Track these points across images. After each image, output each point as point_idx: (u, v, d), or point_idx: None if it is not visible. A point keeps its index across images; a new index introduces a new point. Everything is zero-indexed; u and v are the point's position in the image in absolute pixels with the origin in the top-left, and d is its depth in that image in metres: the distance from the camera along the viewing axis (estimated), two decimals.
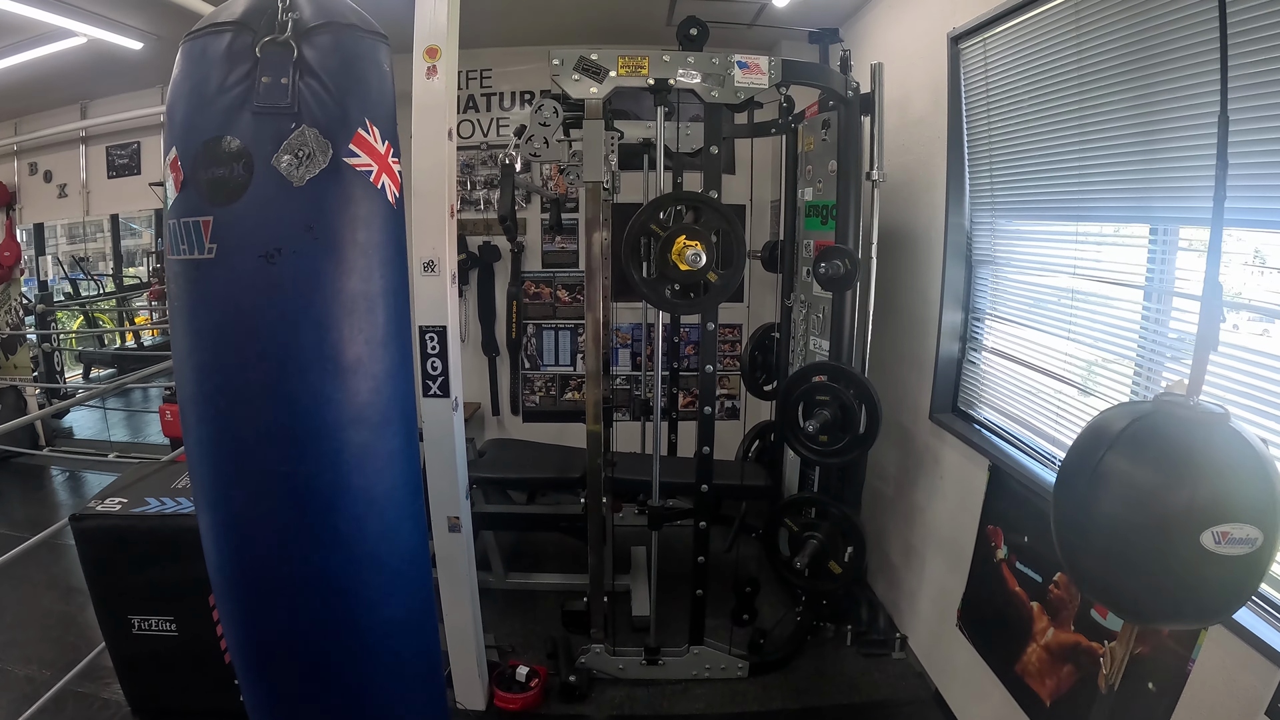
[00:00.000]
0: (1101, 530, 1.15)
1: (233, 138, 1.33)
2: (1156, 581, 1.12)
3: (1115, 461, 1.14)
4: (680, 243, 2.29)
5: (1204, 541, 1.03)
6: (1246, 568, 1.06)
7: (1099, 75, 1.95)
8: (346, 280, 1.38)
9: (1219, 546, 1.03)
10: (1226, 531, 1.03)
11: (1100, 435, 1.19)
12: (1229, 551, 1.04)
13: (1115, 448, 1.14)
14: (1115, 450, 1.14)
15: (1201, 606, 1.16)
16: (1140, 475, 1.12)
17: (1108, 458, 1.14)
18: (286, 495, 1.41)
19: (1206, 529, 1.03)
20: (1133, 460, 1.14)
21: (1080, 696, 1.96)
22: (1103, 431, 1.19)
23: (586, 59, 2.32)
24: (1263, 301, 1.64)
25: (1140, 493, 1.11)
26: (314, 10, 1.36)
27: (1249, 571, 1.07)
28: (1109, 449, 1.15)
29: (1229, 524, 1.03)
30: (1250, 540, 1.04)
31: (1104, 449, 1.15)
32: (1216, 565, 1.05)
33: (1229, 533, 1.03)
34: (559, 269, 4.63)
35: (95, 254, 6.76)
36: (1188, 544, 1.05)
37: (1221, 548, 1.03)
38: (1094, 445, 1.18)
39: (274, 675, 1.57)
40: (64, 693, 2.50)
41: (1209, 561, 1.04)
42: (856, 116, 2.65)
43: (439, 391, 2.32)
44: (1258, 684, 1.44)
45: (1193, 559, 1.05)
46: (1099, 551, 1.17)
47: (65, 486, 5.10)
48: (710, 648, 2.83)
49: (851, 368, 2.70)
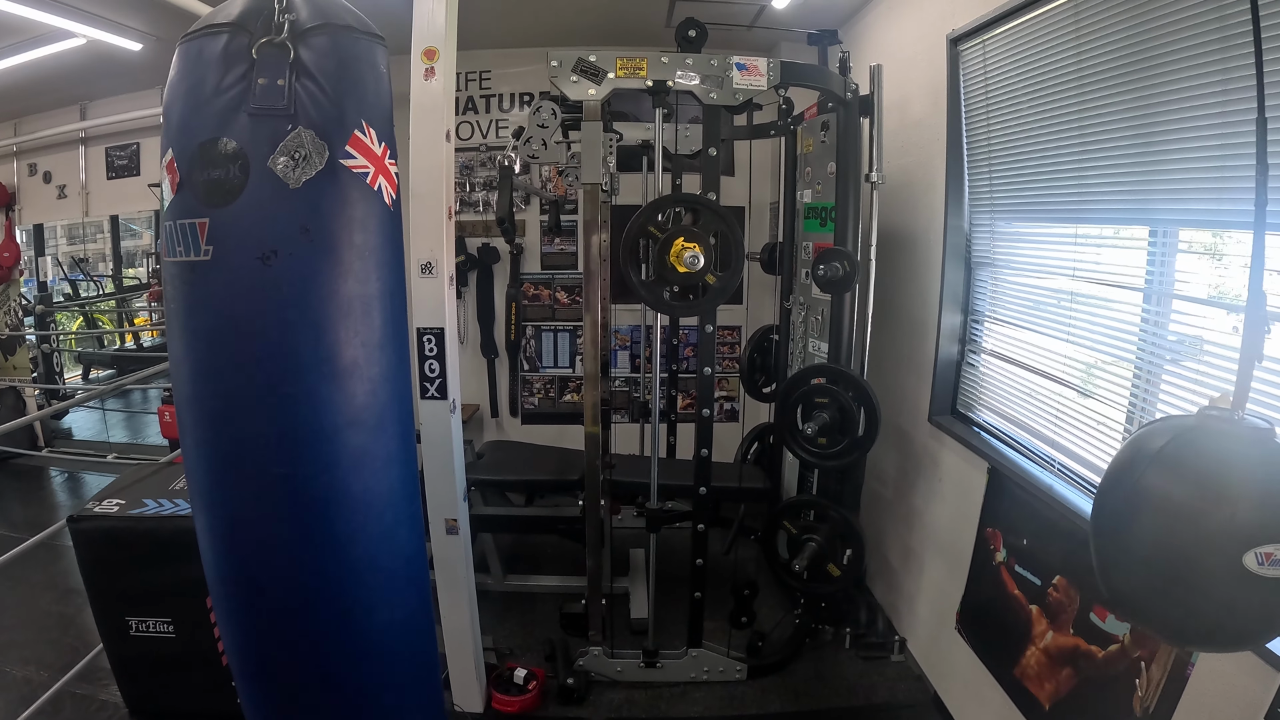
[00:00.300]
0: (1141, 549, 1.12)
1: (229, 139, 1.33)
2: (1199, 605, 1.08)
3: (1155, 480, 1.10)
4: (678, 245, 2.29)
5: (1246, 563, 1.00)
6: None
7: (1098, 77, 1.95)
8: (343, 282, 1.38)
9: (1263, 568, 0.99)
10: (1270, 553, 0.99)
11: (1140, 451, 1.15)
12: (1273, 574, 1.00)
13: (1155, 466, 1.11)
14: (1155, 468, 1.11)
15: (1244, 630, 1.11)
16: (1180, 492, 1.08)
17: (1148, 474, 1.11)
18: (283, 497, 1.41)
19: (1249, 550, 0.99)
20: (1173, 477, 1.10)
21: (1080, 700, 1.95)
22: (1143, 447, 1.15)
23: (585, 60, 2.32)
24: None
25: (1180, 512, 1.07)
26: (310, 12, 1.36)
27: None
28: (1149, 466, 1.11)
29: (1274, 545, 0.99)
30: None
31: (1144, 466, 1.12)
32: (1259, 588, 1.01)
33: (1273, 554, 0.99)
34: (558, 271, 4.63)
35: (95, 255, 6.76)
36: (1229, 566, 1.01)
37: (1265, 569, 0.99)
38: (1133, 462, 1.15)
39: (270, 678, 1.57)
40: (62, 694, 2.49)
41: (1251, 584, 1.00)
42: (855, 118, 2.65)
43: (437, 393, 2.31)
44: (1257, 688, 1.43)
45: (1234, 581, 1.01)
46: (1138, 572, 1.14)
47: (64, 488, 5.09)
48: (709, 650, 2.83)
49: (850, 370, 2.69)
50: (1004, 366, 2.55)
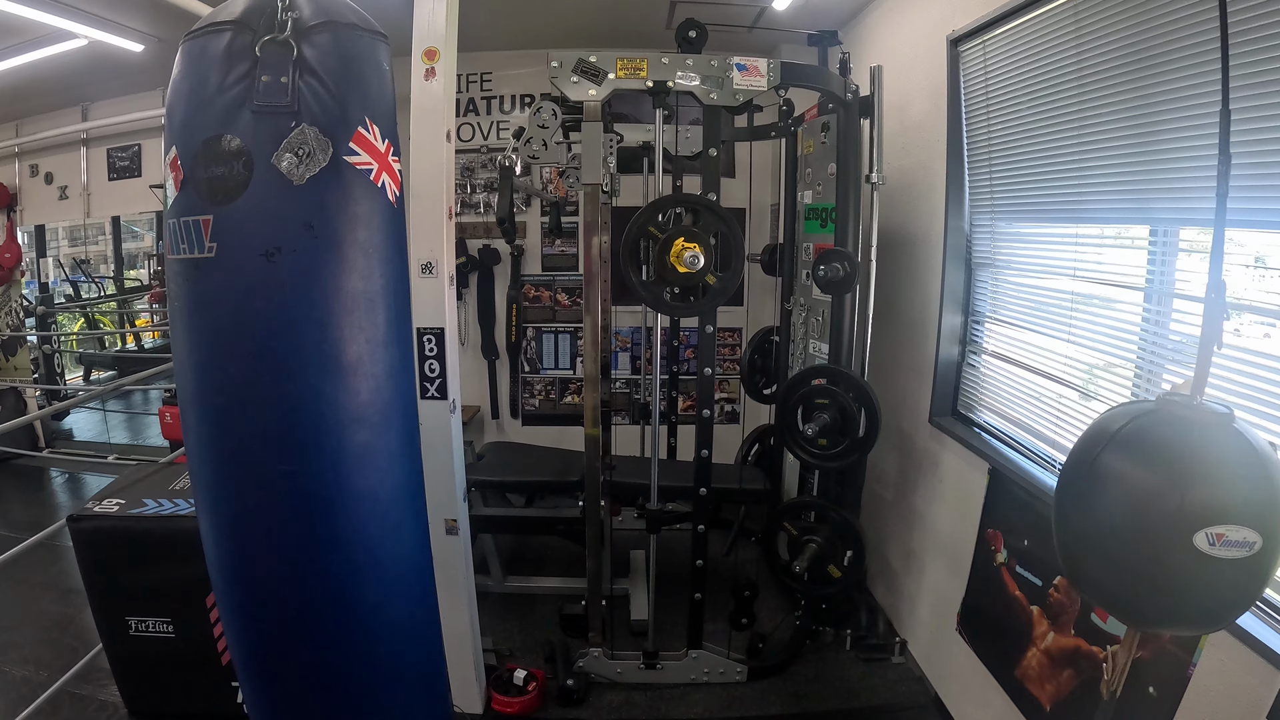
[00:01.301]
0: (1099, 532, 1.14)
1: (232, 136, 1.32)
2: (1153, 585, 1.10)
3: (1111, 461, 1.13)
4: (679, 245, 2.29)
5: (1197, 543, 1.01)
6: (1246, 572, 1.04)
7: (1098, 77, 1.95)
8: (347, 279, 1.37)
9: (1214, 549, 1.01)
10: (1221, 534, 1.01)
11: (1098, 435, 1.17)
12: (1225, 554, 1.01)
13: (1111, 447, 1.13)
14: (1111, 449, 1.13)
15: (1200, 611, 1.13)
16: (1135, 475, 1.11)
17: (1103, 457, 1.13)
18: (287, 495, 1.40)
19: (1200, 530, 1.01)
20: (1128, 460, 1.12)
21: (1081, 701, 1.95)
22: (1101, 431, 1.18)
23: (585, 61, 2.33)
24: (1265, 303, 1.64)
25: (1135, 492, 1.10)
26: (313, 9, 1.36)
27: (1249, 576, 1.05)
28: (1105, 448, 1.14)
29: (1224, 526, 1.01)
30: (1248, 544, 1.01)
31: (1100, 448, 1.14)
32: (1213, 568, 1.02)
33: (1224, 535, 1.01)
34: (559, 272, 4.64)
35: (96, 257, 6.76)
36: (1181, 546, 1.03)
37: (1216, 550, 1.01)
38: (1092, 445, 1.17)
39: (274, 676, 1.56)
40: (61, 694, 2.49)
41: (1204, 564, 1.02)
42: (856, 119, 2.66)
43: (437, 394, 2.31)
44: (1260, 687, 1.43)
45: (1187, 562, 1.03)
46: (1097, 553, 1.16)
47: (65, 488, 5.09)
48: (709, 652, 2.82)
49: (851, 371, 2.70)
50: (1004, 367, 2.56)
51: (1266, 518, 1.03)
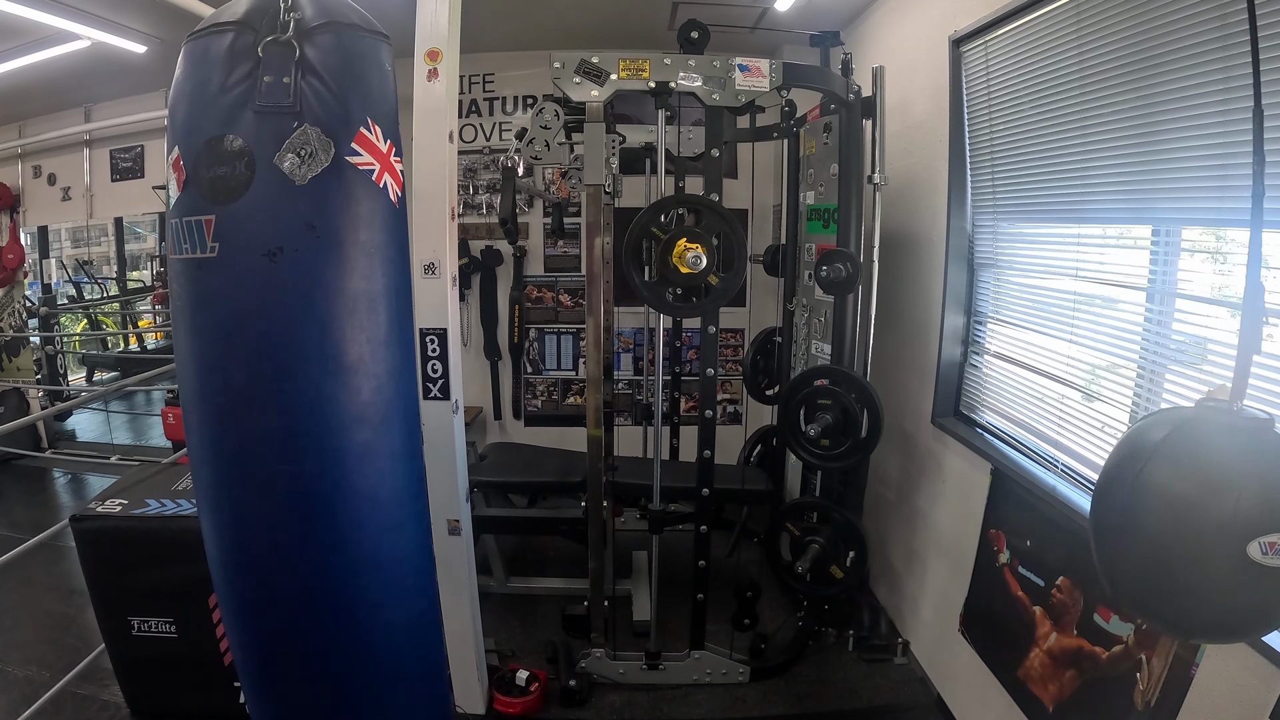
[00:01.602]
0: (1143, 543, 1.12)
1: (235, 137, 1.33)
2: (1203, 596, 1.08)
3: (1156, 471, 1.10)
4: (681, 245, 2.29)
5: (1250, 553, 1.00)
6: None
7: (1100, 77, 1.95)
8: (348, 279, 1.38)
9: (1267, 558, 1.00)
10: (1274, 542, 1.00)
11: (1141, 444, 1.15)
12: (1277, 563, 1.00)
13: (1156, 459, 1.11)
14: (1157, 461, 1.10)
15: (1248, 620, 1.12)
16: (1182, 484, 1.08)
17: (1149, 469, 1.11)
18: (288, 495, 1.41)
19: (1253, 539, 1.00)
20: (1174, 469, 1.10)
21: (1083, 702, 1.95)
22: (1143, 440, 1.15)
23: (587, 62, 2.33)
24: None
25: (1183, 503, 1.07)
26: (315, 10, 1.36)
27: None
28: (1150, 459, 1.11)
29: (1277, 534, 1.00)
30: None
31: (1145, 459, 1.11)
32: (1264, 577, 1.01)
33: (1277, 543, 1.00)
34: (561, 273, 4.64)
35: (99, 258, 6.77)
36: (1233, 556, 1.01)
37: (1269, 559, 1.00)
38: (1134, 455, 1.14)
39: (275, 676, 1.57)
40: (63, 694, 2.50)
41: (1256, 573, 1.01)
42: (858, 120, 2.65)
43: (439, 394, 2.31)
44: (1262, 689, 1.43)
45: (1239, 571, 1.02)
46: (1140, 565, 1.14)
47: (67, 489, 5.10)
48: (711, 653, 2.82)
49: (853, 371, 2.69)
50: (1007, 368, 2.55)
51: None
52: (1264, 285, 1.10)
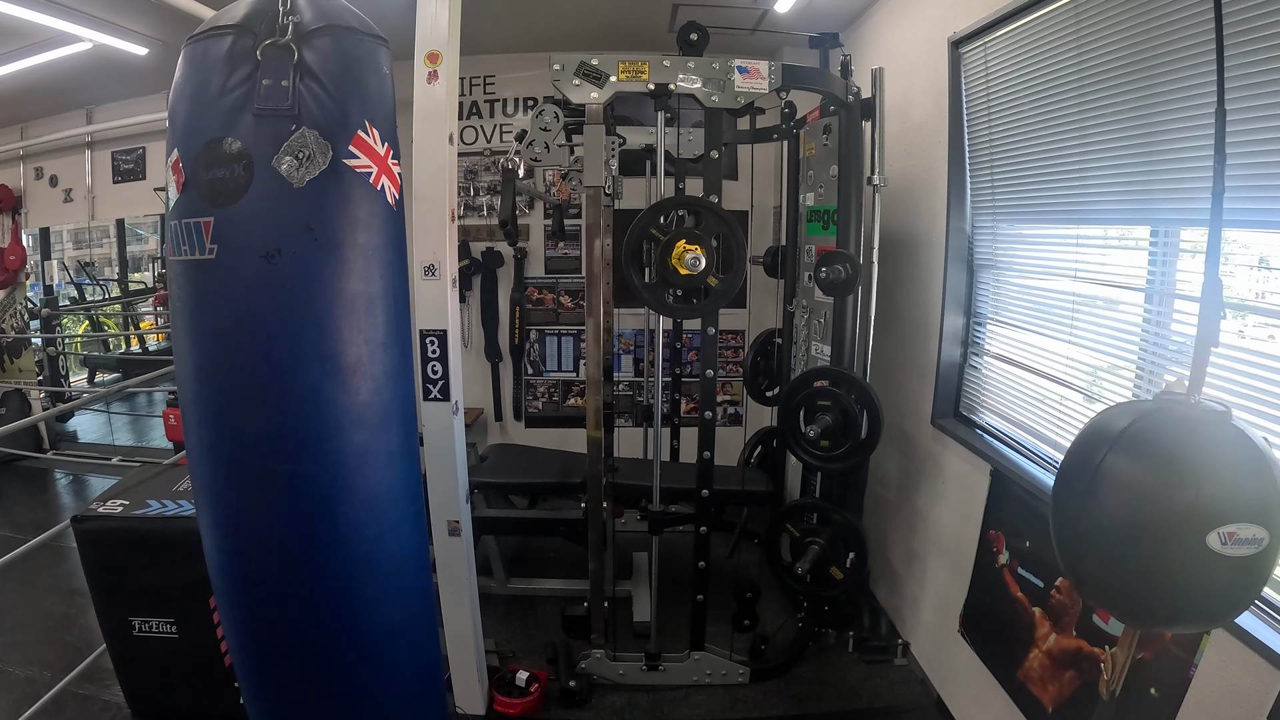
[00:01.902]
0: (1103, 532, 1.14)
1: (233, 139, 1.34)
2: (1160, 584, 1.10)
3: (1117, 461, 1.12)
4: (680, 247, 2.29)
5: (1210, 542, 1.02)
6: (1252, 568, 1.05)
7: (1099, 78, 1.95)
8: (346, 281, 1.38)
9: (1225, 547, 1.02)
10: (1233, 532, 1.02)
11: (1101, 435, 1.17)
12: (1235, 552, 1.02)
13: (1117, 447, 1.13)
14: (1117, 450, 1.12)
15: (1206, 609, 1.14)
16: (1143, 475, 1.11)
17: (1109, 458, 1.13)
18: (286, 495, 1.42)
19: (1212, 530, 1.02)
20: (1135, 460, 1.12)
21: (1082, 703, 1.95)
22: (1103, 431, 1.17)
23: (587, 64, 2.33)
24: (1268, 304, 1.63)
25: (1143, 493, 1.09)
26: (314, 13, 1.37)
27: (1255, 572, 1.06)
28: (1110, 449, 1.13)
29: (1235, 524, 1.02)
30: (1256, 540, 1.02)
31: (1105, 449, 1.13)
32: (1222, 567, 1.03)
33: (1235, 533, 1.02)
34: (561, 274, 4.65)
35: (101, 259, 6.78)
36: (1193, 545, 1.03)
37: (1228, 549, 1.02)
38: (1094, 445, 1.16)
39: (273, 675, 1.58)
40: (64, 694, 2.50)
41: (1215, 563, 1.03)
42: (857, 121, 2.65)
43: (439, 395, 2.32)
44: (1260, 688, 1.43)
45: (1198, 560, 1.03)
46: (1100, 554, 1.15)
47: (69, 490, 5.11)
48: (711, 653, 2.82)
49: (853, 373, 2.69)
50: (1006, 368, 2.55)
51: (1272, 514, 1.04)
52: (1221, 281, 1.12)
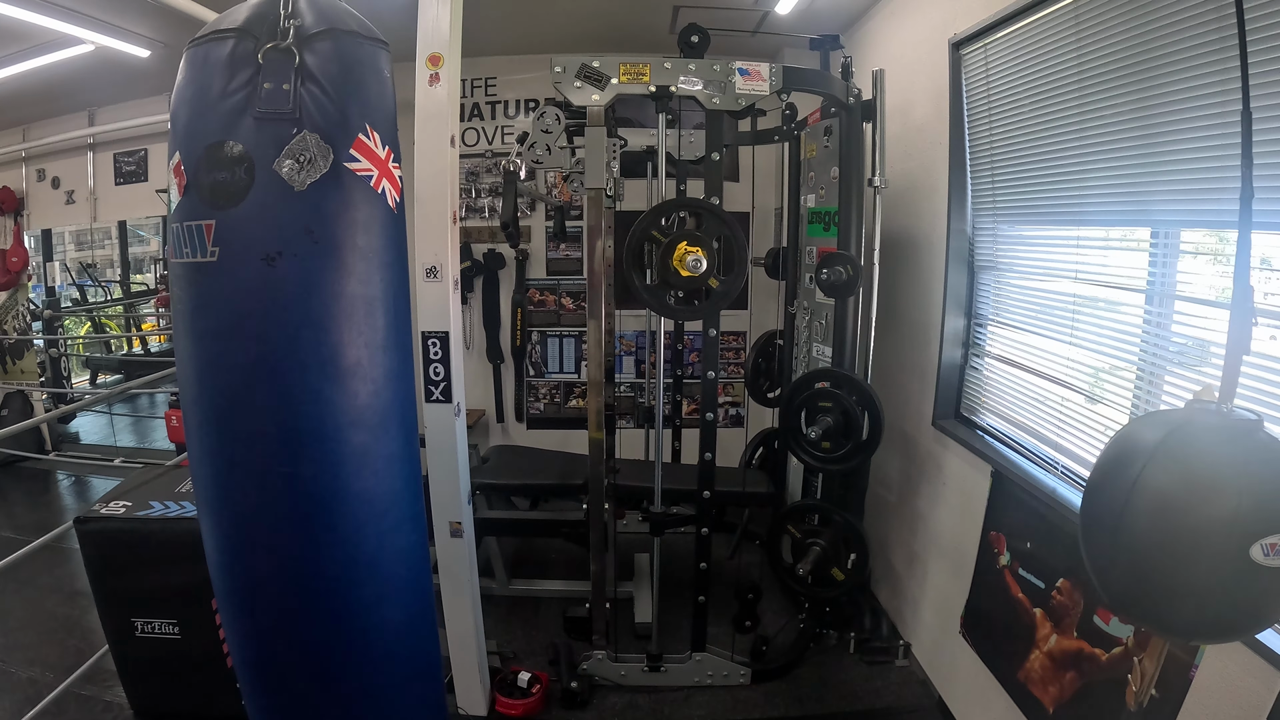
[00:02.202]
0: (1140, 547, 1.12)
1: (235, 142, 1.34)
2: (1203, 599, 1.08)
3: (1154, 475, 1.10)
4: (681, 249, 2.29)
5: (1254, 554, 1.01)
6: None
7: (1099, 79, 1.95)
8: (346, 283, 1.39)
9: (1269, 559, 1.01)
10: (1275, 543, 1.01)
11: (1135, 448, 1.15)
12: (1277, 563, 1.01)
13: (1154, 461, 1.10)
14: (1154, 464, 1.10)
15: (1249, 620, 1.13)
16: (1183, 488, 1.09)
17: (1146, 472, 1.10)
18: (286, 496, 1.42)
19: (1255, 541, 1.01)
20: (1173, 473, 1.10)
21: (1083, 704, 1.95)
22: (1137, 444, 1.15)
23: (588, 66, 2.33)
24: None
25: (1184, 507, 1.08)
26: (315, 17, 1.37)
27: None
28: (1147, 463, 1.11)
29: (1278, 535, 1.01)
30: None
31: (1141, 463, 1.11)
32: (1265, 578, 1.02)
33: (1278, 544, 1.01)
34: (563, 276, 4.65)
35: (103, 261, 6.80)
36: (1237, 559, 1.02)
37: (1271, 560, 1.01)
38: (1129, 459, 1.14)
39: (272, 676, 1.58)
40: (66, 695, 2.51)
41: (1258, 574, 1.02)
42: (858, 123, 2.65)
43: (441, 397, 2.32)
44: (1261, 690, 1.43)
45: (1242, 573, 1.02)
46: (1137, 569, 1.14)
47: (71, 491, 5.12)
48: (713, 655, 2.82)
49: (854, 374, 2.69)
50: (1007, 370, 2.55)
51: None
52: (1252, 286, 1.11)
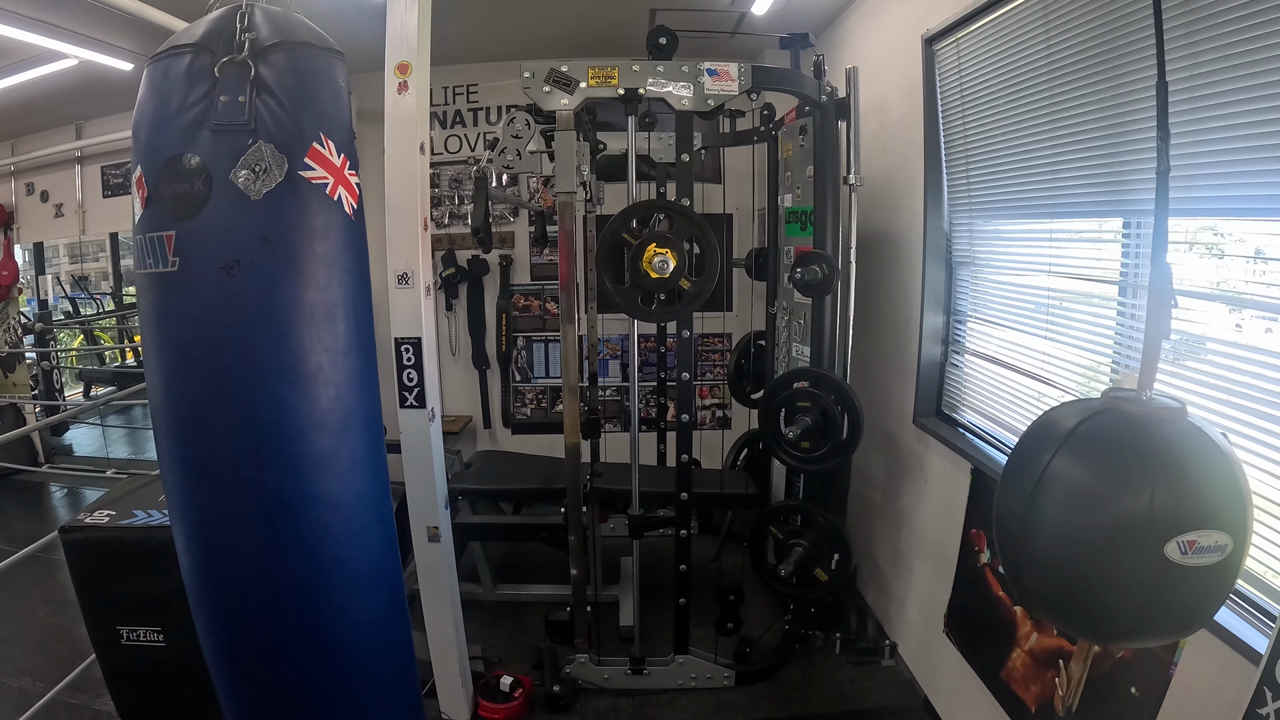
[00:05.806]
0: (1050, 542, 1.05)
1: (193, 155, 1.36)
2: (1116, 599, 1.00)
3: (1063, 466, 1.03)
4: (651, 250, 2.31)
5: (1169, 553, 0.94)
6: (1216, 577, 0.97)
7: (1068, 70, 1.96)
8: (305, 290, 1.40)
9: (1186, 558, 0.94)
10: (1193, 540, 0.94)
11: (1046, 437, 1.09)
12: (1197, 562, 0.94)
13: (1063, 450, 1.03)
14: (1063, 453, 1.03)
15: (1167, 623, 1.05)
16: (1092, 480, 1.02)
17: (1055, 462, 1.04)
18: (251, 501, 1.44)
19: (1171, 539, 0.94)
20: (1083, 464, 1.03)
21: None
22: (1049, 432, 1.09)
23: (557, 71, 2.34)
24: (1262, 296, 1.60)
25: (1093, 500, 1.00)
26: (270, 30, 1.39)
27: (1219, 581, 0.98)
28: (1056, 452, 1.04)
29: (1196, 532, 0.94)
30: (1219, 548, 0.94)
31: (1050, 452, 1.04)
32: (1184, 578, 0.95)
33: (1196, 541, 0.94)
34: (547, 281, 4.65)
35: (96, 273, 6.82)
36: (1150, 556, 0.95)
37: (1189, 558, 0.94)
38: (1039, 448, 1.08)
39: (246, 678, 1.59)
40: (55, 703, 2.52)
41: (1175, 574, 0.94)
42: (832, 121, 2.66)
43: (415, 402, 2.33)
44: (1241, 686, 1.41)
45: (1157, 572, 0.95)
46: (1047, 566, 1.06)
47: (64, 503, 5.13)
48: (696, 657, 2.82)
49: (833, 373, 2.70)
50: (986, 366, 2.56)
51: (1234, 518, 0.96)
52: (1170, 268, 1.04)
